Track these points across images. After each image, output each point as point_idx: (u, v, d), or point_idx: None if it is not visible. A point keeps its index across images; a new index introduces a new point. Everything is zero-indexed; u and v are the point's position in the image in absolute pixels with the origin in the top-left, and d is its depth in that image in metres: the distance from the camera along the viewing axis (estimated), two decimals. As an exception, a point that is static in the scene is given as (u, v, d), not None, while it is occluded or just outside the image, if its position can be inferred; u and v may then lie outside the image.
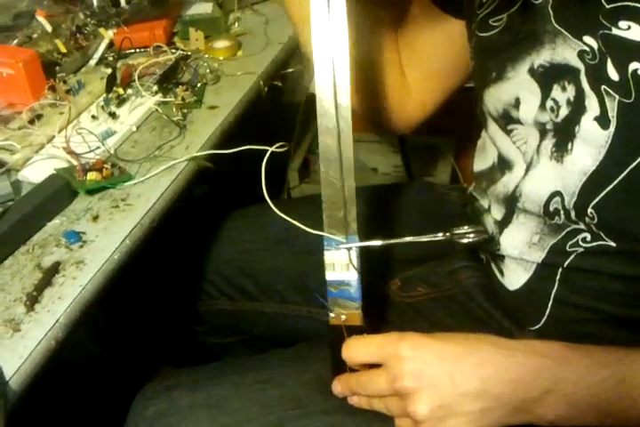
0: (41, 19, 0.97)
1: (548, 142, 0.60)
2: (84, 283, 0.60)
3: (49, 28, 0.96)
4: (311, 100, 0.58)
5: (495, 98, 0.66)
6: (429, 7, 0.76)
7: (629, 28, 0.50)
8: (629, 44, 0.50)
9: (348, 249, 0.60)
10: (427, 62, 0.80)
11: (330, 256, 0.61)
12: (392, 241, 0.61)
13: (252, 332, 0.96)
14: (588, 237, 0.59)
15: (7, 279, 0.61)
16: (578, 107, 0.56)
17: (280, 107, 1.30)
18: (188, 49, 0.98)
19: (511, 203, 0.66)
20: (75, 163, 0.72)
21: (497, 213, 0.69)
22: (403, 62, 0.82)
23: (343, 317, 0.62)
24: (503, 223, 0.68)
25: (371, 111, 0.82)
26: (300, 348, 0.75)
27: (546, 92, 0.59)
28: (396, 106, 0.82)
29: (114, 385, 0.99)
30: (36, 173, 0.72)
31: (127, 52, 0.97)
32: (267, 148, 0.64)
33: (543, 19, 0.58)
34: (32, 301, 0.58)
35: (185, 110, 0.85)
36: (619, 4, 0.51)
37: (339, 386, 0.63)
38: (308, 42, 0.56)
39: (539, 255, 0.63)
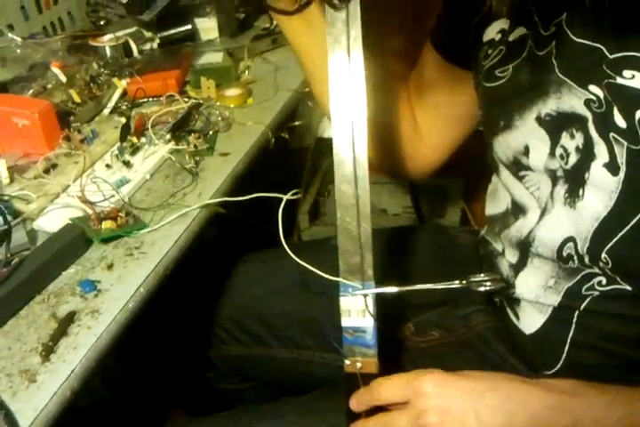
0: (55, 69, 1.00)
1: (561, 188, 0.60)
2: (99, 332, 0.60)
3: (63, 79, 0.99)
4: (320, 143, 0.59)
5: (505, 146, 0.67)
6: (438, 58, 0.77)
7: (634, 77, 0.51)
8: (634, 93, 0.52)
9: (365, 295, 0.60)
10: (438, 110, 0.81)
11: (346, 302, 0.60)
12: (409, 288, 0.61)
13: (264, 378, 0.96)
14: (604, 280, 0.59)
15: (23, 329, 0.61)
16: (587, 154, 0.57)
17: (289, 150, 1.31)
18: (200, 97, 1.00)
19: (525, 247, 0.66)
20: (89, 212, 0.73)
21: (511, 256, 0.69)
22: (415, 110, 0.83)
23: (359, 364, 0.61)
24: (518, 267, 0.68)
25: (386, 159, 0.83)
26: (314, 397, 0.74)
27: (555, 139, 0.60)
28: (410, 153, 0.83)
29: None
30: (51, 222, 0.73)
31: (140, 101, 0.99)
32: (281, 195, 0.65)
33: (548, 69, 0.59)
34: (47, 351, 0.58)
35: (197, 158, 0.86)
36: (622, 53, 0.52)
37: None
38: (321, 91, 0.57)
39: (554, 299, 0.63)
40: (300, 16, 0.68)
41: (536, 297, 0.65)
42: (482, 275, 0.60)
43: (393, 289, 0.60)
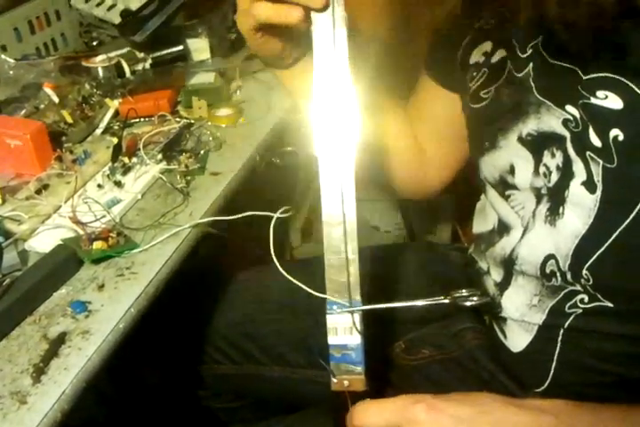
0: (48, 90, 1.00)
1: (543, 207, 0.61)
2: (90, 353, 0.60)
3: (56, 100, 0.99)
4: (312, 161, 0.60)
5: (491, 165, 0.68)
6: (432, 83, 0.79)
7: (606, 97, 0.53)
8: (608, 113, 0.53)
9: (352, 313, 0.60)
10: (437, 130, 0.82)
11: (332, 320, 0.60)
12: (395, 304, 0.62)
13: (257, 396, 0.96)
14: (586, 298, 0.60)
15: (14, 351, 0.61)
16: (566, 172, 0.58)
17: (280, 169, 1.32)
18: (192, 117, 1.00)
19: (509, 265, 0.67)
20: (81, 232, 0.73)
21: (496, 275, 0.70)
22: (417, 133, 0.84)
23: (346, 382, 0.61)
24: (503, 285, 0.68)
25: (393, 180, 0.85)
26: (304, 415, 0.74)
27: (537, 158, 0.61)
28: (415, 175, 0.85)
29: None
30: (42, 242, 0.73)
31: (132, 121, 1.00)
32: (271, 214, 0.65)
33: (526, 90, 0.61)
34: (38, 372, 0.58)
35: (188, 177, 0.87)
36: (595, 75, 0.54)
37: None
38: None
39: (539, 317, 0.64)
40: (300, 71, 0.69)
41: (521, 316, 0.66)
42: (464, 291, 0.60)
43: (380, 306, 0.60)
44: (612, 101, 0.53)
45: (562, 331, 0.63)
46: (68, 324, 0.64)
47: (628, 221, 0.54)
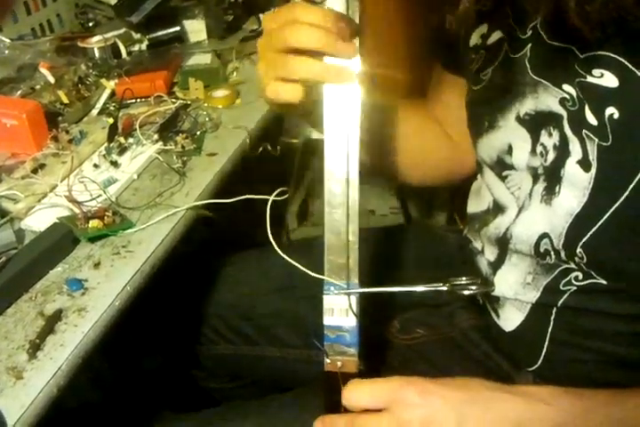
0: (44, 70, 1.00)
1: (540, 186, 0.62)
2: (86, 330, 0.61)
3: (52, 80, 0.99)
4: (309, 143, 0.60)
5: (489, 146, 0.68)
6: (440, 68, 0.79)
7: (602, 75, 0.53)
8: (604, 91, 0.53)
9: (349, 295, 0.60)
10: (457, 115, 0.81)
11: (329, 301, 0.61)
12: (393, 289, 0.62)
13: (253, 376, 0.96)
14: (580, 275, 0.60)
15: (10, 327, 0.62)
16: (562, 151, 0.58)
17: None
18: (188, 98, 1.00)
19: (503, 244, 0.67)
20: (77, 211, 0.74)
21: (490, 254, 0.70)
22: (440, 120, 0.85)
23: (339, 363, 0.62)
24: (497, 264, 0.69)
25: (427, 171, 0.86)
26: (299, 393, 0.75)
27: (535, 137, 0.61)
28: (450, 160, 0.85)
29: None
30: (38, 221, 0.73)
31: (128, 101, 1.00)
32: (267, 197, 0.65)
33: (522, 71, 0.61)
34: (35, 348, 0.58)
35: (185, 158, 0.87)
36: (591, 53, 0.54)
37: (320, 425, 0.60)
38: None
39: (533, 295, 0.64)
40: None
41: (515, 294, 0.66)
42: (464, 278, 0.61)
43: (378, 289, 0.61)
44: (608, 80, 0.53)
45: (555, 309, 0.63)
46: (64, 301, 0.64)
47: (621, 199, 0.54)
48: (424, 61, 0.88)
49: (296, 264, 0.61)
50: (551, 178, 0.60)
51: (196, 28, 1.19)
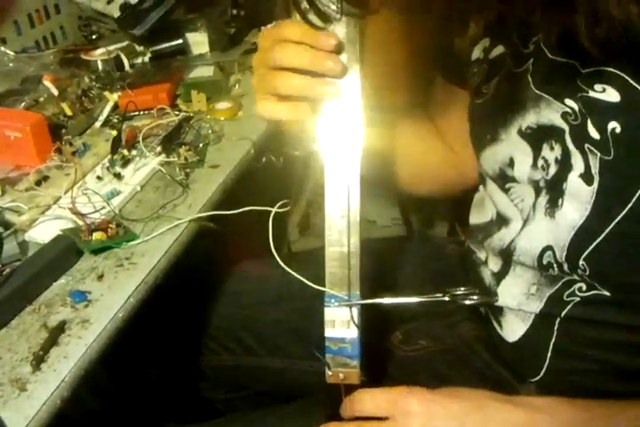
0: (47, 83, 1.01)
1: (543, 199, 0.62)
2: (90, 342, 0.61)
3: (55, 92, 1.00)
4: (312, 155, 0.60)
5: (491, 159, 0.68)
6: (443, 81, 0.80)
7: (604, 90, 0.53)
8: (606, 105, 0.53)
9: (350, 306, 0.60)
10: (459, 127, 0.82)
11: (330, 313, 0.61)
12: (394, 300, 0.62)
13: (255, 387, 0.96)
14: (584, 286, 0.61)
15: (14, 339, 0.62)
16: (565, 165, 0.58)
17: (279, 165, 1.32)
18: (191, 110, 1.01)
19: (507, 255, 0.67)
20: (80, 223, 0.74)
21: (494, 265, 0.70)
22: (442, 132, 0.85)
23: (341, 375, 0.62)
24: (500, 275, 0.69)
25: (427, 183, 0.87)
26: (302, 404, 0.75)
27: (536, 151, 0.62)
28: (451, 173, 0.86)
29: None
30: (42, 233, 0.74)
31: (132, 114, 1.00)
32: (269, 209, 0.66)
33: (524, 85, 0.61)
34: (38, 360, 0.59)
35: (188, 170, 0.87)
36: (593, 68, 0.54)
37: None
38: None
39: (536, 306, 0.65)
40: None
41: (518, 305, 0.66)
42: (462, 288, 0.61)
43: (379, 301, 0.61)
44: (610, 94, 0.53)
45: (558, 320, 0.63)
46: (67, 313, 0.65)
47: (623, 212, 0.54)
48: (427, 74, 0.89)
49: (297, 276, 0.61)
50: (553, 191, 0.60)
51: (198, 41, 1.20)
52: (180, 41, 1.18)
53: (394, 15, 0.78)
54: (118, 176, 0.84)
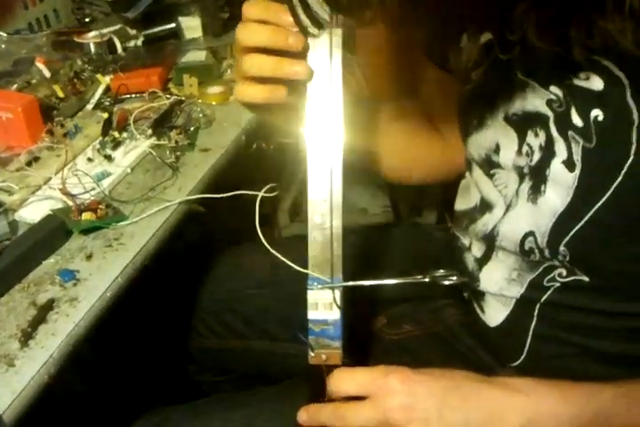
0: (40, 65, 1.01)
1: (526, 185, 0.63)
2: (77, 320, 0.62)
3: (47, 74, 1.00)
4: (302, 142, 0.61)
5: (478, 144, 0.69)
6: (435, 69, 0.80)
7: (588, 78, 0.54)
8: (589, 93, 0.54)
9: (332, 288, 0.61)
10: (450, 114, 0.83)
11: (313, 295, 0.62)
12: (375, 282, 0.63)
13: (242, 370, 0.97)
14: (564, 272, 0.62)
15: (3, 316, 0.63)
16: (548, 151, 0.59)
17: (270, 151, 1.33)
18: (182, 94, 1.01)
19: (490, 241, 0.68)
20: (70, 203, 0.75)
21: (477, 250, 0.71)
22: (432, 118, 0.86)
23: (324, 356, 0.63)
24: (483, 260, 0.70)
25: (418, 170, 0.87)
26: (285, 385, 0.76)
27: (521, 137, 0.63)
28: (438, 161, 0.86)
29: (103, 423, 0.99)
30: (32, 213, 0.74)
31: (123, 97, 1.01)
32: (256, 193, 0.66)
33: (511, 72, 0.62)
34: (26, 337, 0.59)
35: (178, 153, 0.88)
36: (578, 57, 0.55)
37: (304, 414, 0.62)
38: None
39: (517, 291, 0.66)
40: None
41: (499, 289, 0.67)
42: (442, 270, 0.62)
43: (360, 283, 0.62)
44: (594, 82, 0.54)
45: (538, 305, 0.65)
46: (56, 291, 0.65)
47: (604, 199, 0.55)
48: (416, 61, 0.89)
49: (282, 258, 0.62)
50: (537, 177, 0.61)
51: (191, 25, 1.20)
52: (173, 25, 1.18)
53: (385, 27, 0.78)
54: (109, 158, 0.84)
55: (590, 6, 0.48)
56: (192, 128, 0.93)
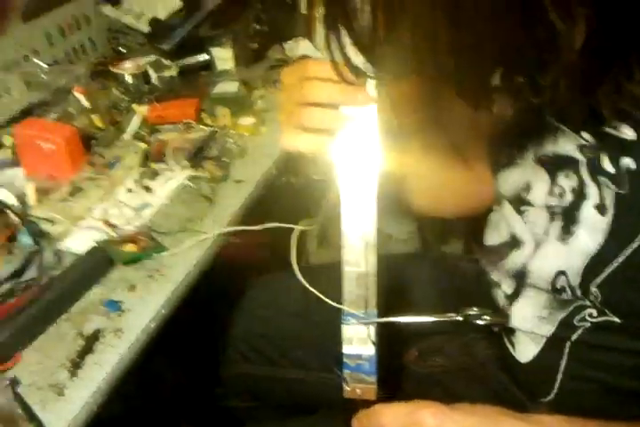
0: (78, 95, 1.04)
1: (556, 224, 0.64)
2: (123, 351, 0.64)
3: (86, 104, 1.03)
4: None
5: (508, 181, 0.71)
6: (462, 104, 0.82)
7: (619, 127, 0.56)
8: (620, 142, 0.56)
9: (367, 324, 0.63)
10: (480, 147, 0.84)
11: (348, 330, 0.63)
12: (409, 319, 0.64)
13: (273, 397, 0.98)
14: (594, 312, 0.63)
15: (51, 346, 0.65)
16: (580, 194, 0.61)
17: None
18: (216, 125, 1.04)
19: (520, 278, 0.70)
20: (113, 234, 0.77)
21: (507, 287, 0.73)
22: (462, 152, 0.86)
23: (359, 391, 0.64)
24: (513, 297, 0.71)
25: (447, 207, 0.88)
26: (319, 417, 0.77)
27: (553, 178, 0.64)
28: (467, 196, 0.86)
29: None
30: (76, 243, 0.77)
31: (158, 127, 1.03)
32: (295, 226, 0.68)
33: (541, 115, 0.64)
34: (75, 366, 0.62)
35: (213, 184, 0.90)
36: (610, 106, 0.57)
37: None
38: None
39: (548, 329, 0.67)
40: None
41: (531, 327, 0.68)
42: (475, 309, 0.64)
43: (396, 319, 0.63)
44: (625, 131, 0.56)
45: (569, 344, 0.66)
46: (101, 322, 0.68)
47: (636, 242, 0.56)
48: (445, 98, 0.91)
49: (318, 294, 0.64)
50: (568, 218, 0.63)
51: (223, 56, 1.23)
52: (207, 56, 1.21)
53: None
54: (147, 189, 0.87)
55: (619, 71, 0.50)
56: (226, 159, 0.96)
